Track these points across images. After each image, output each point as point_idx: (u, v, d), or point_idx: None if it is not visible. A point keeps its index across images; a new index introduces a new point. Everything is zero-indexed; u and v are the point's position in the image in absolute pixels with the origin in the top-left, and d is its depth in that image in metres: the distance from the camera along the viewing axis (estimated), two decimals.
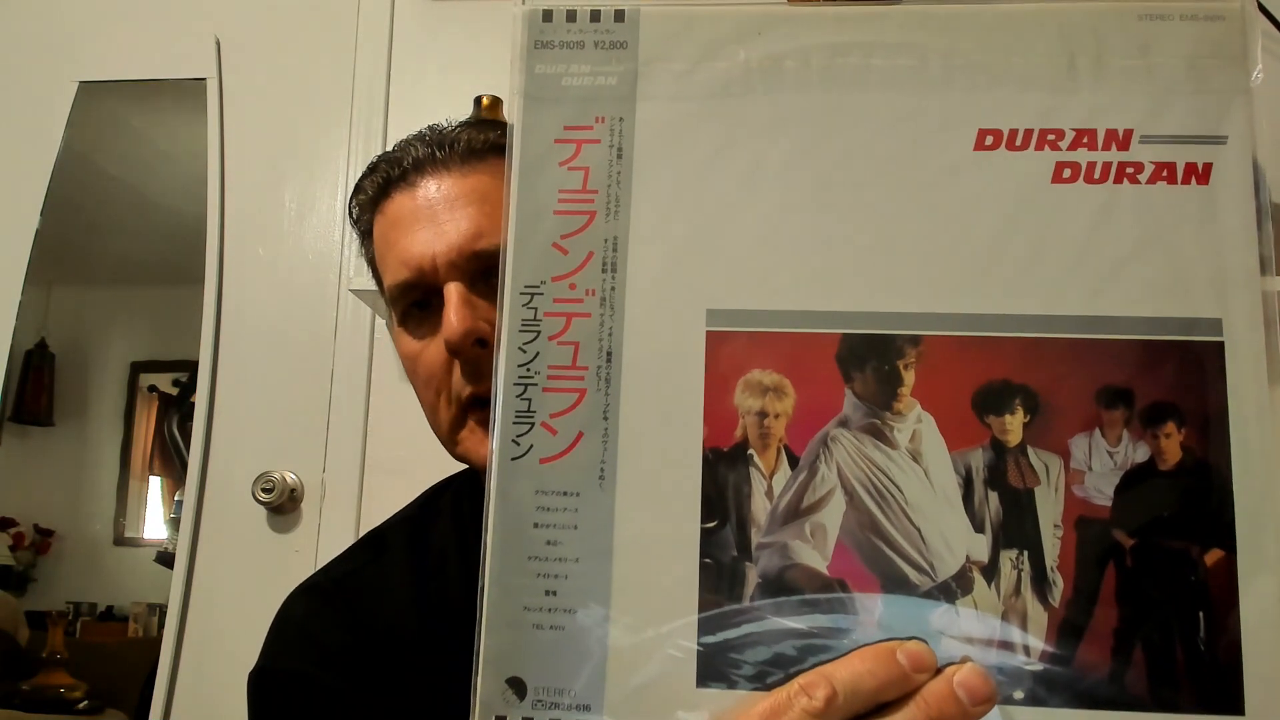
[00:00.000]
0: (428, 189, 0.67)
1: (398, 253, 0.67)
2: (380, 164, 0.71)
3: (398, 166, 0.69)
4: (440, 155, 0.68)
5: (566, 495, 0.40)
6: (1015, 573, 0.39)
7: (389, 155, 0.71)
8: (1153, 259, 0.40)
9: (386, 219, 0.69)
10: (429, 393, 0.68)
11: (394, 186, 0.69)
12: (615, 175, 0.42)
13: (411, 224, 0.66)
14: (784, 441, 0.40)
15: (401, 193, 0.68)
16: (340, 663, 0.67)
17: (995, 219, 0.40)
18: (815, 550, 0.39)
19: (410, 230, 0.66)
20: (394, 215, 0.68)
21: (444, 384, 0.66)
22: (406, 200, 0.68)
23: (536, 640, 0.39)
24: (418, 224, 0.66)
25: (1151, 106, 0.41)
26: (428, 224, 0.66)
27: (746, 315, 0.40)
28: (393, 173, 0.69)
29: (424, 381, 0.68)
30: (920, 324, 0.40)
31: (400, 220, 0.67)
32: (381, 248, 0.70)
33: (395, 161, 0.69)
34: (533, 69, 0.43)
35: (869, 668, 0.37)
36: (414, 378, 0.69)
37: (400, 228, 0.67)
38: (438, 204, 0.66)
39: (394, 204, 0.69)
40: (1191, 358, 0.39)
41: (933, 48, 0.42)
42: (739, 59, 0.42)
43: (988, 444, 0.39)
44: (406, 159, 0.69)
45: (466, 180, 0.66)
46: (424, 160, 0.68)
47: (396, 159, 0.69)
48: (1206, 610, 0.38)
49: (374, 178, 0.71)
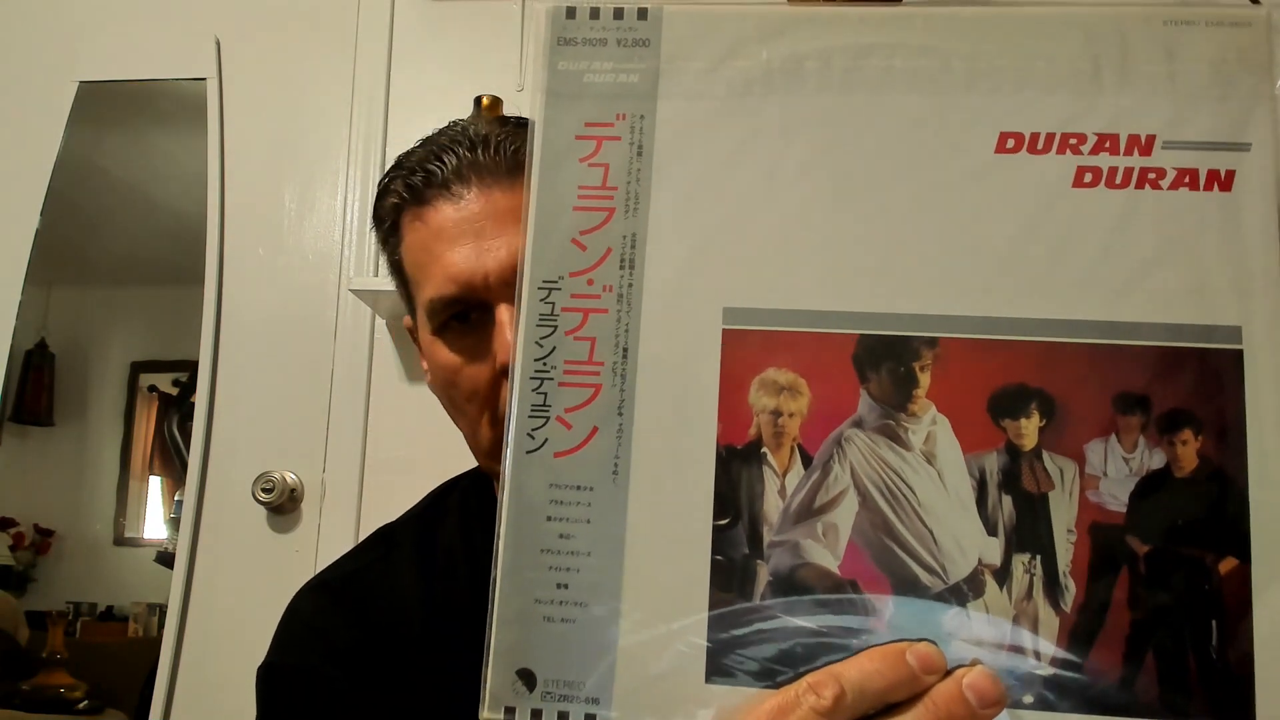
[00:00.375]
0: (473, 201, 0.65)
1: (444, 266, 0.64)
2: (415, 165, 0.68)
3: (439, 172, 0.66)
4: (486, 163, 0.65)
5: (580, 489, 0.39)
6: (1027, 577, 0.38)
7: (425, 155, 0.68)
8: (1173, 265, 0.40)
9: (427, 227, 0.66)
10: (472, 408, 0.66)
11: (435, 193, 0.66)
12: (635, 172, 0.42)
13: (457, 236, 0.64)
14: (798, 441, 0.39)
15: (444, 200, 0.65)
16: (348, 659, 0.67)
17: (1015, 222, 0.40)
18: (827, 550, 0.39)
19: (456, 243, 0.64)
20: (436, 224, 0.66)
21: (490, 403, 0.65)
22: (450, 210, 0.65)
23: (547, 633, 0.38)
24: (464, 237, 0.64)
25: (1175, 112, 0.40)
26: (474, 239, 0.64)
27: (763, 314, 0.40)
28: (433, 177, 0.66)
29: (466, 397, 0.66)
30: (937, 326, 0.40)
31: (444, 231, 0.65)
32: (422, 257, 0.67)
33: (435, 166, 0.66)
34: (555, 65, 0.43)
35: (878, 668, 0.36)
36: (452, 389, 0.67)
37: (445, 240, 0.65)
38: (486, 219, 0.64)
39: (435, 212, 0.66)
40: (1210, 365, 0.39)
41: (955, 50, 0.41)
42: (761, 58, 0.42)
43: (1002, 447, 0.39)
44: (448, 164, 0.66)
45: (514, 195, 0.64)
46: (467, 167, 0.65)
47: (436, 163, 0.66)
48: (1219, 619, 0.38)
49: (409, 179, 0.68)
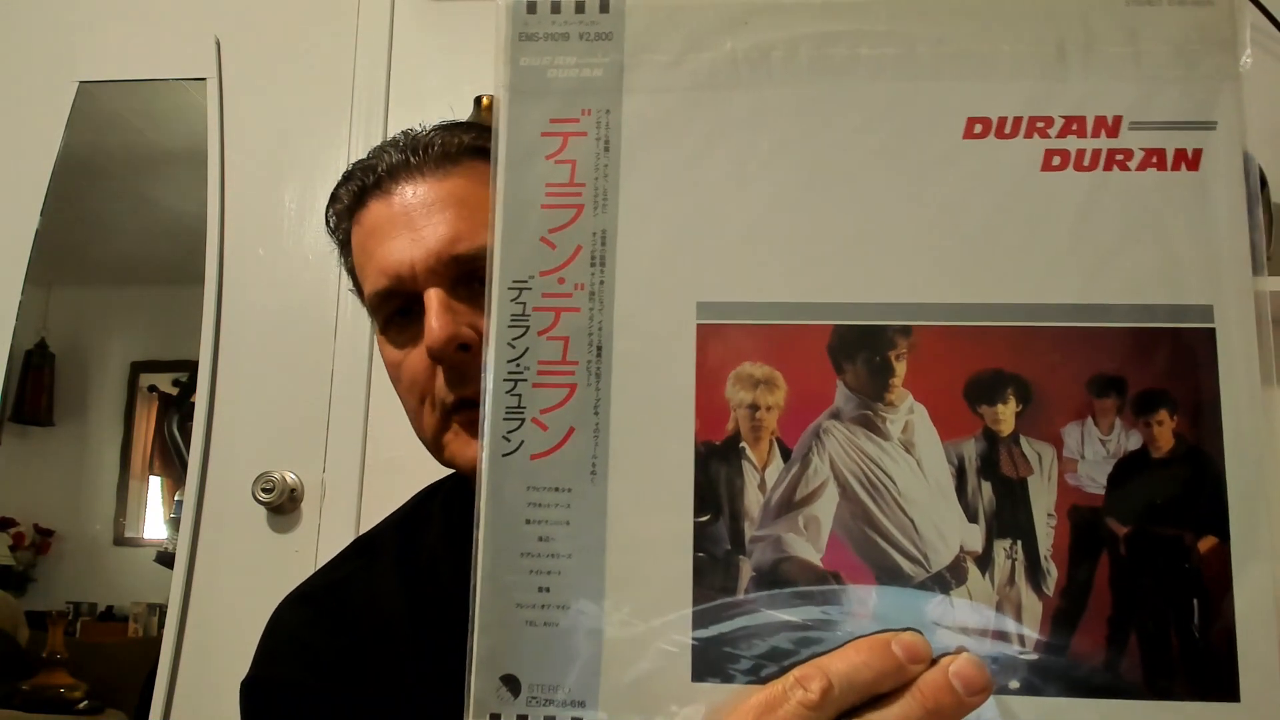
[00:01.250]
0: (404, 195, 0.66)
1: (376, 261, 0.66)
2: (355, 172, 0.70)
3: (372, 174, 0.68)
4: (415, 161, 0.67)
5: (558, 491, 0.39)
6: (1009, 562, 0.38)
7: (363, 163, 0.70)
8: (1143, 246, 0.39)
9: (364, 228, 0.68)
10: (412, 399, 0.67)
11: (369, 195, 0.68)
12: (603, 168, 0.41)
13: (389, 232, 0.65)
14: (776, 434, 0.39)
15: (377, 200, 0.67)
16: (332, 670, 0.66)
17: (985, 208, 0.40)
18: (809, 543, 0.38)
19: (388, 238, 0.65)
20: (370, 224, 0.67)
21: (427, 390, 0.66)
22: (383, 208, 0.67)
23: (530, 637, 0.38)
24: (395, 231, 0.65)
25: (1140, 93, 0.40)
26: (405, 231, 0.65)
27: (737, 308, 0.40)
28: (368, 180, 0.68)
29: (407, 388, 0.67)
30: (911, 314, 0.39)
31: (377, 229, 0.66)
32: (361, 258, 0.69)
33: (369, 169, 0.68)
34: (517, 61, 0.42)
35: (864, 659, 0.36)
36: (397, 385, 0.69)
37: (377, 236, 0.66)
38: (414, 210, 0.65)
39: (370, 213, 0.67)
40: (1183, 345, 0.39)
41: (920, 36, 0.41)
42: (725, 49, 0.41)
43: (980, 434, 0.39)
44: (380, 166, 0.68)
45: (443, 185, 0.66)
46: (398, 167, 0.67)
47: (371, 166, 0.68)
48: (1200, 597, 0.38)
49: (349, 186, 0.70)
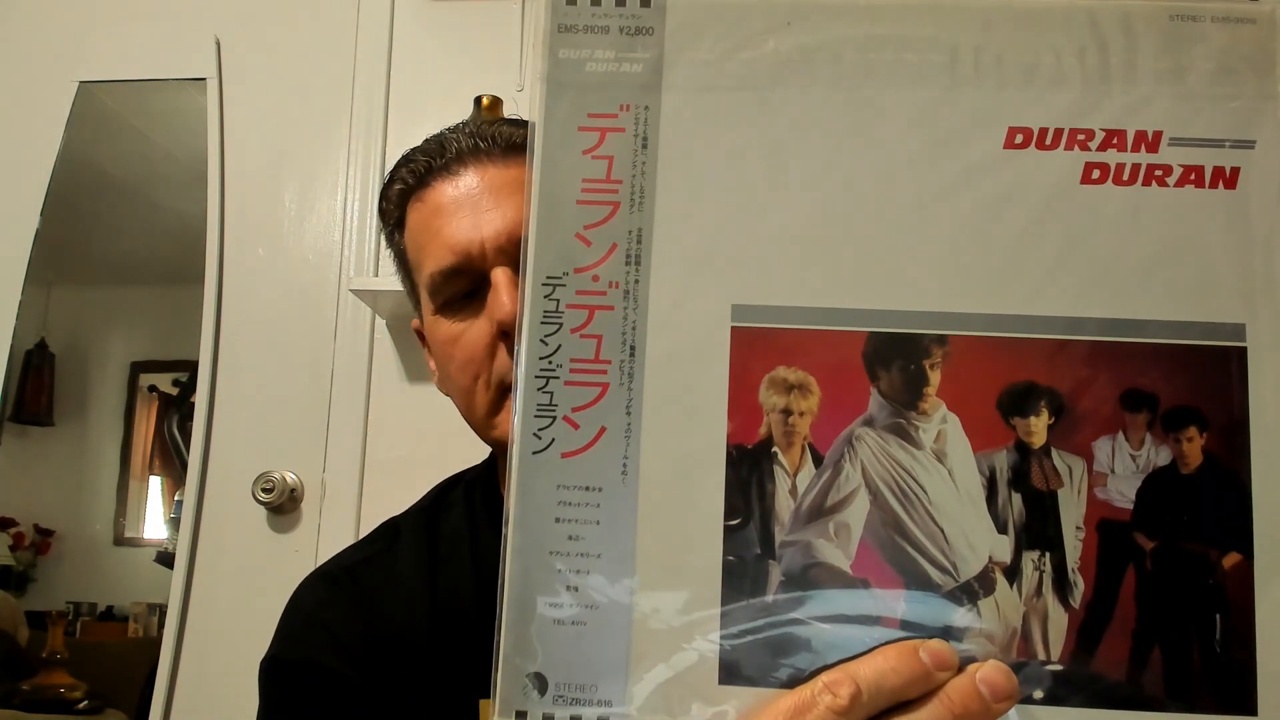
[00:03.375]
0: (470, 179, 0.67)
1: (443, 239, 0.66)
2: (417, 155, 0.71)
3: (439, 157, 0.69)
4: (484, 146, 0.68)
5: (589, 490, 0.38)
6: (1037, 574, 0.38)
7: (426, 147, 0.71)
8: (1179, 263, 0.39)
9: (427, 206, 0.68)
10: (466, 377, 0.67)
11: (434, 175, 0.69)
12: (640, 165, 0.40)
13: (454, 211, 0.66)
14: (808, 440, 0.38)
15: (444, 181, 0.68)
16: (351, 651, 0.66)
17: (1024, 219, 0.39)
18: (839, 549, 0.38)
19: (454, 217, 0.66)
20: (435, 203, 0.68)
21: (483, 368, 0.65)
22: (448, 188, 0.67)
23: (558, 636, 0.37)
24: (461, 211, 0.66)
25: (1181, 109, 0.39)
26: (471, 212, 0.65)
27: (772, 311, 0.39)
28: (434, 162, 0.69)
29: (461, 365, 0.67)
30: (947, 324, 0.39)
31: (443, 207, 0.67)
32: (422, 236, 0.69)
33: (435, 153, 0.69)
34: (556, 53, 0.41)
35: (892, 665, 0.36)
36: (449, 363, 0.68)
37: (444, 215, 0.67)
38: (482, 193, 0.66)
39: (435, 192, 0.68)
40: (1214, 362, 0.38)
41: (964, 43, 0.40)
42: (768, 49, 0.40)
43: (1012, 445, 0.38)
44: (449, 150, 0.68)
45: (509, 171, 0.66)
46: (467, 151, 0.68)
47: (436, 150, 0.69)
48: (1223, 613, 0.37)
49: (411, 167, 0.70)
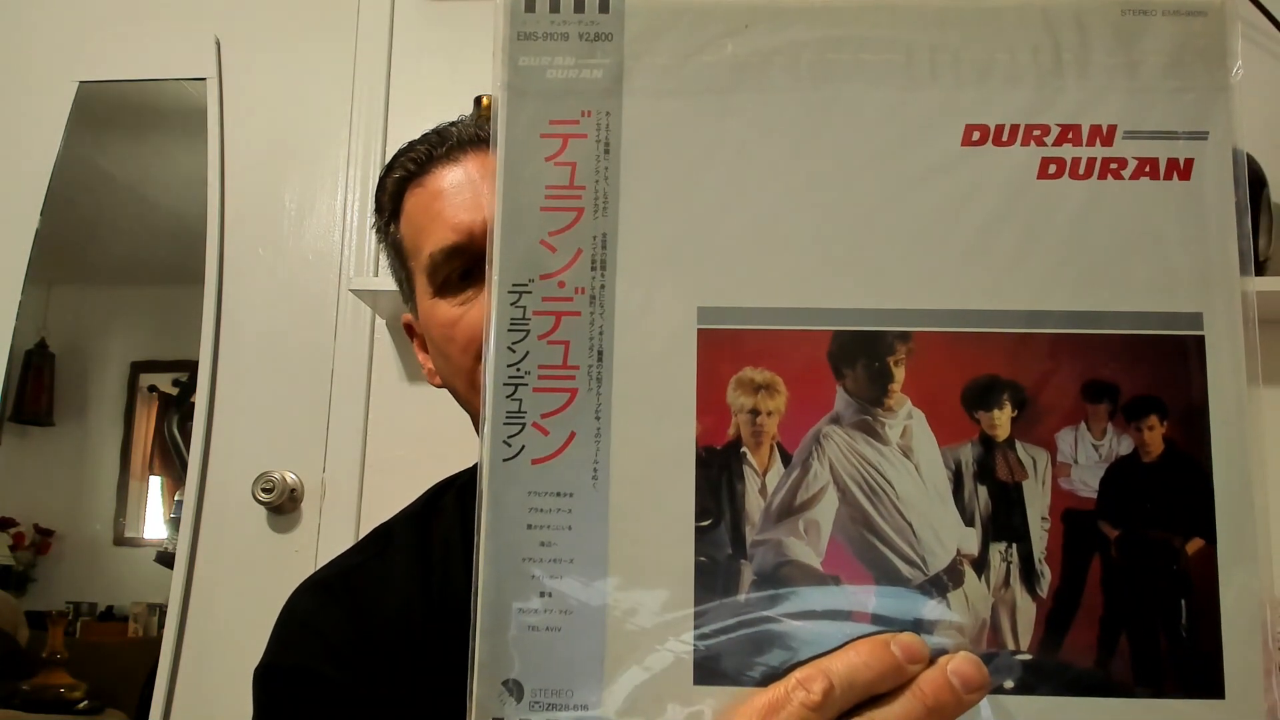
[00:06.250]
0: (472, 166, 0.67)
1: (445, 219, 0.66)
2: (417, 145, 0.71)
3: (443, 144, 0.69)
4: (485, 136, 0.68)
5: (560, 496, 0.37)
6: (1004, 565, 0.37)
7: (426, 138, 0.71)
8: (1136, 254, 0.38)
9: (428, 190, 0.69)
10: (467, 358, 0.66)
11: (435, 162, 0.69)
12: (603, 171, 0.39)
13: (456, 193, 0.67)
14: (777, 439, 0.38)
15: (444, 167, 0.68)
16: (345, 657, 0.65)
17: (983, 215, 0.39)
18: (809, 546, 0.37)
19: (456, 198, 0.66)
20: (435, 187, 0.68)
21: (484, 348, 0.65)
22: (450, 174, 0.68)
23: (532, 642, 0.37)
24: (463, 193, 0.66)
25: (1134, 102, 0.39)
26: (472, 193, 0.66)
27: (738, 313, 0.38)
28: (435, 151, 0.69)
29: (463, 347, 0.66)
30: (910, 320, 0.38)
31: (443, 191, 0.68)
32: (421, 218, 0.69)
33: (436, 142, 0.70)
34: (515, 61, 0.40)
35: (864, 660, 0.35)
36: (449, 345, 0.67)
37: (444, 198, 0.67)
38: (483, 179, 0.66)
39: (435, 177, 0.69)
40: (1173, 351, 0.38)
41: (920, 42, 0.40)
42: (726, 53, 0.40)
43: (977, 439, 0.38)
44: (449, 139, 0.69)
45: None
46: (469, 140, 0.69)
47: (437, 140, 0.70)
48: (1188, 598, 0.37)
49: (411, 155, 0.71)
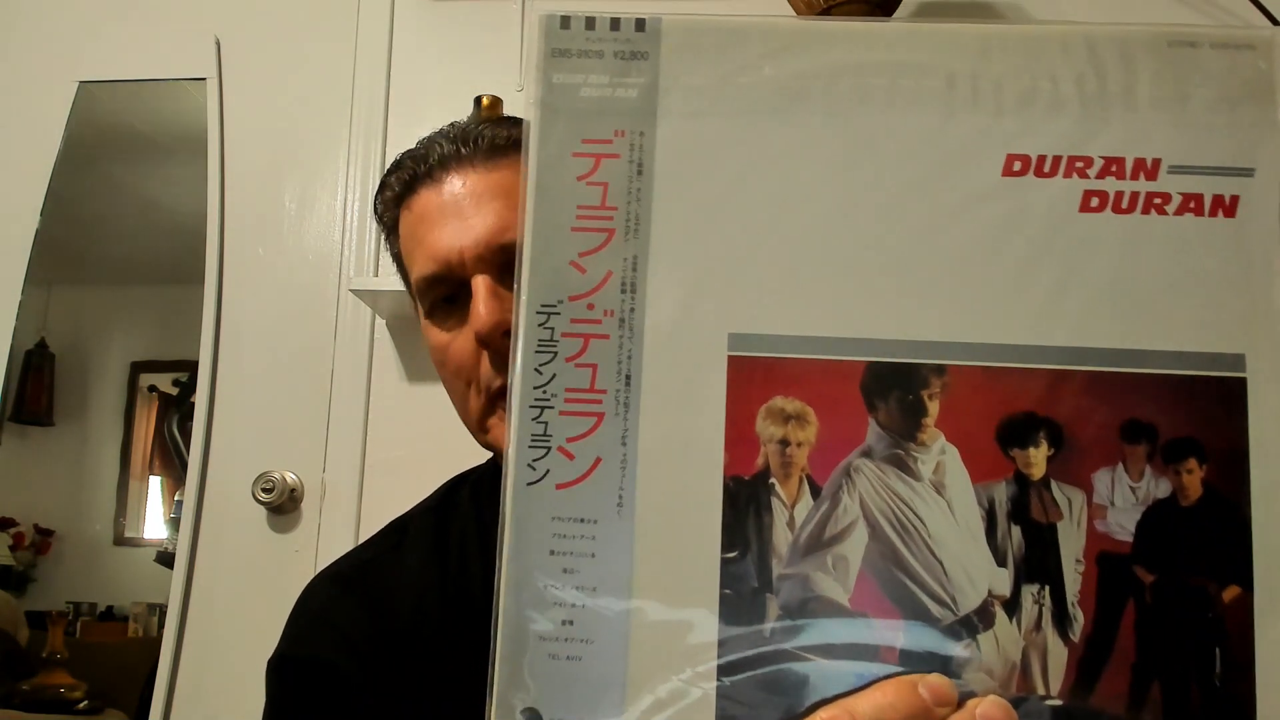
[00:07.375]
0: (453, 185, 0.66)
1: (426, 247, 0.66)
2: (405, 161, 0.70)
3: (423, 164, 0.68)
4: (465, 152, 0.67)
5: (584, 523, 0.36)
6: (1036, 607, 0.36)
7: (414, 153, 0.70)
8: (1178, 292, 0.37)
9: (413, 215, 0.68)
10: (459, 383, 0.66)
11: (420, 183, 0.68)
12: (635, 192, 0.38)
13: (438, 219, 0.65)
14: (806, 471, 0.36)
15: (427, 189, 0.67)
16: (359, 650, 0.65)
17: (1023, 247, 0.37)
18: (837, 582, 0.36)
19: (437, 225, 0.65)
20: (420, 211, 0.67)
21: (473, 375, 0.65)
22: (433, 196, 0.67)
23: (552, 671, 0.35)
24: (444, 219, 0.65)
25: (1180, 136, 0.38)
26: (454, 219, 0.65)
27: (769, 340, 0.37)
28: (419, 170, 0.68)
29: (453, 372, 0.66)
30: (946, 353, 0.37)
31: (426, 216, 0.66)
32: (409, 243, 0.69)
33: (420, 159, 0.68)
34: (550, 78, 0.39)
35: (890, 701, 0.34)
36: (442, 369, 0.68)
37: (427, 223, 0.66)
38: (464, 199, 0.65)
39: (420, 200, 0.68)
40: (1214, 393, 0.37)
41: (960, 70, 0.38)
42: (764, 75, 0.39)
43: (1011, 477, 0.36)
44: (432, 156, 0.68)
45: (491, 176, 0.65)
46: (449, 157, 0.67)
47: (422, 156, 0.68)
48: (1223, 646, 0.36)
49: (400, 174, 0.70)
